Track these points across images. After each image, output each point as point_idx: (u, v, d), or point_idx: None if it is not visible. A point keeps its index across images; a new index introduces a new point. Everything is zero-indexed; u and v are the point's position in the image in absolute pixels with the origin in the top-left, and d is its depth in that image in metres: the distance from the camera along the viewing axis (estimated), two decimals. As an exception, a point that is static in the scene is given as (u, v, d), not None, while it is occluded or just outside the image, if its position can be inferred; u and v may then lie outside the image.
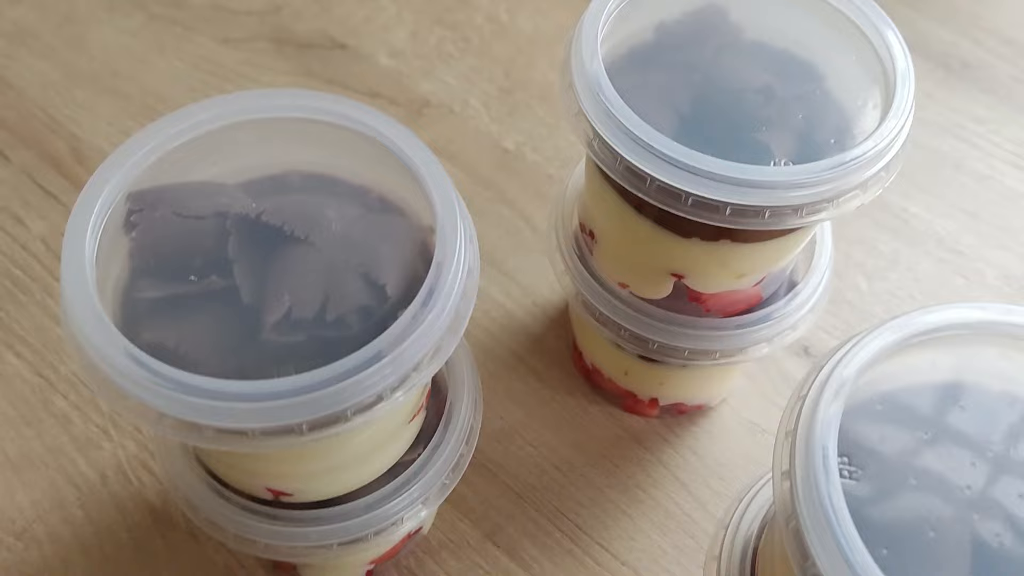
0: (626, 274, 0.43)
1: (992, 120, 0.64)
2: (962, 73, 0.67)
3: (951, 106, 0.65)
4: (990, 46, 0.68)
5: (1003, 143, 0.63)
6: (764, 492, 0.39)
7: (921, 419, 0.30)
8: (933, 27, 0.69)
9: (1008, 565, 0.28)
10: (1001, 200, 0.61)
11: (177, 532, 0.47)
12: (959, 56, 0.67)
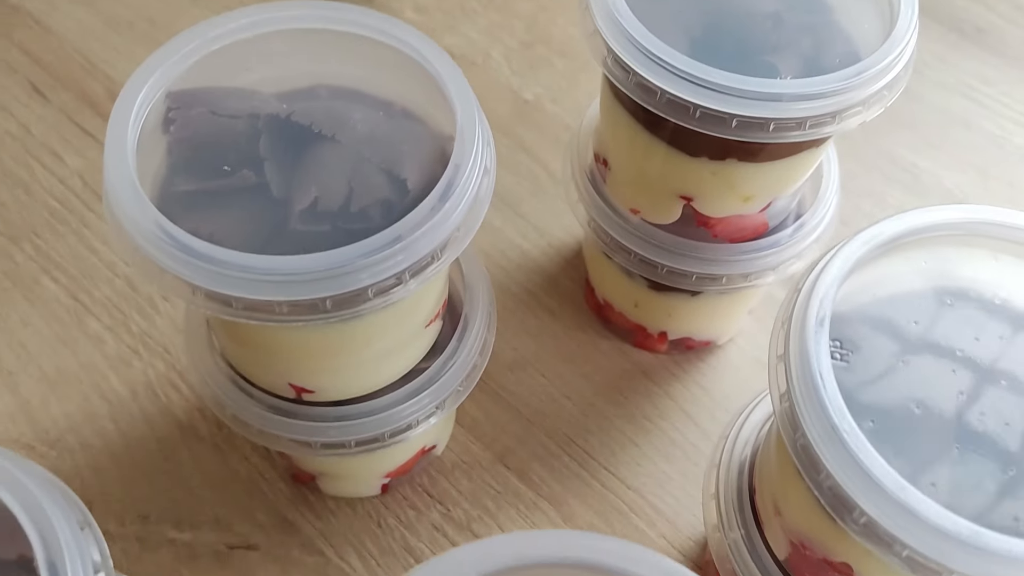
0: (637, 199, 0.44)
1: (1002, 82, 0.65)
2: (975, 37, 0.68)
3: (963, 68, 0.66)
4: (1002, 11, 0.69)
5: (1012, 104, 0.64)
6: (762, 406, 0.41)
7: (910, 313, 0.32)
8: (948, -7, 0.70)
9: (989, 441, 0.29)
10: (1009, 158, 0.62)
11: (203, 444, 0.50)
12: (972, 21, 0.69)
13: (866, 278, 0.32)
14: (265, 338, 0.36)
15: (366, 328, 0.35)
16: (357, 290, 0.31)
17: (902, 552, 0.28)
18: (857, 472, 0.28)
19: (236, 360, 0.40)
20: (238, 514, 0.48)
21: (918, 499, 0.27)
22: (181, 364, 0.52)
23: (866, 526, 0.28)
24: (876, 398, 0.30)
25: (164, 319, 0.54)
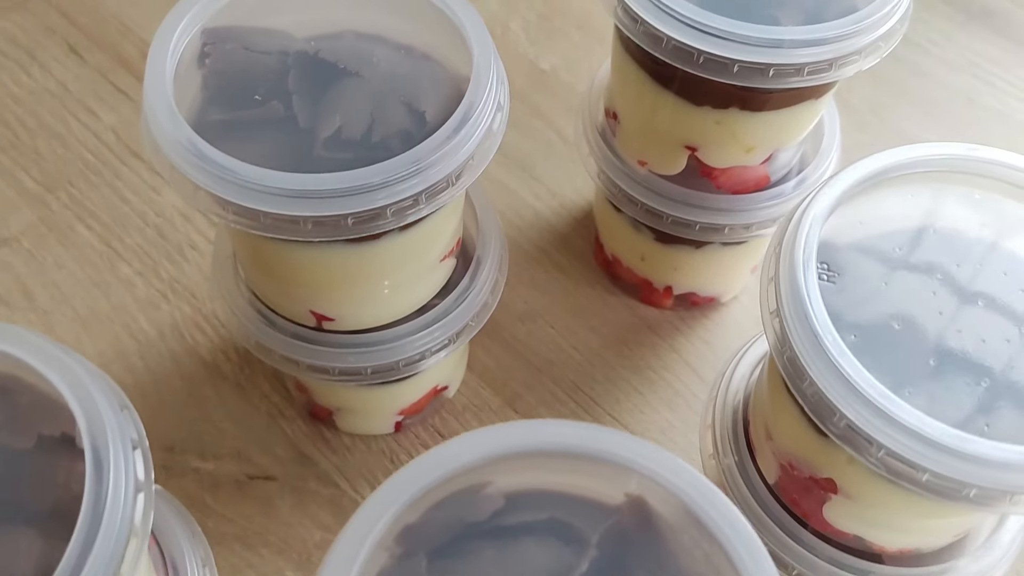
0: (645, 150, 0.46)
1: (1007, 61, 0.67)
2: (983, 19, 0.69)
3: (969, 47, 0.68)
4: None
5: (1015, 82, 0.66)
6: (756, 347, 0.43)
7: (895, 241, 0.34)
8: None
9: (965, 356, 0.31)
10: (1011, 134, 0.64)
11: (226, 383, 0.52)
12: (980, 2, 0.70)
13: (854, 213, 0.34)
14: (290, 264, 0.38)
15: (385, 255, 0.38)
16: (376, 209, 0.33)
17: (878, 453, 0.30)
18: (838, 378, 0.30)
19: (261, 290, 0.42)
20: (258, 447, 0.50)
21: (894, 403, 0.29)
22: (207, 308, 0.55)
23: (846, 429, 0.30)
24: (859, 315, 0.32)
25: (192, 266, 0.56)
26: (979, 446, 0.28)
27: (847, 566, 0.37)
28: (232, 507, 0.48)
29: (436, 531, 0.28)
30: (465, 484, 0.29)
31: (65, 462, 0.29)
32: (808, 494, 0.37)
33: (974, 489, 0.29)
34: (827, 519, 0.37)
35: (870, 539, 0.37)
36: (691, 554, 0.28)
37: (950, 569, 0.37)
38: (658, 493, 0.28)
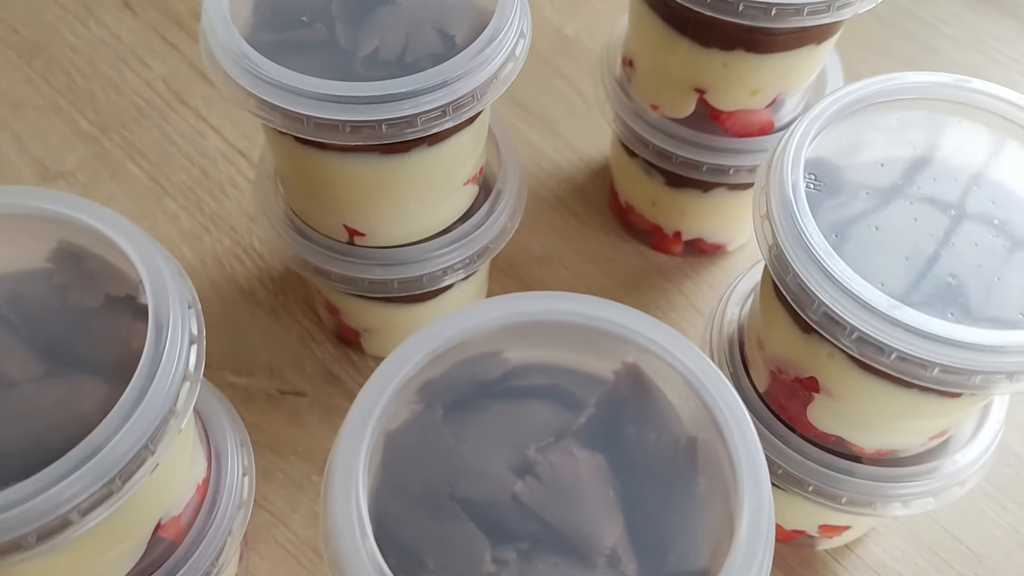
0: (658, 94, 0.50)
1: (1012, 39, 0.70)
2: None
3: (976, 25, 0.71)
4: (1018, -25, 0.74)
5: (1020, 58, 0.69)
6: (751, 274, 0.46)
7: (879, 158, 0.37)
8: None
9: (935, 256, 0.34)
10: (1014, 106, 0.66)
11: (261, 308, 0.56)
12: (989, -16, 0.73)
13: (845, 134, 0.37)
14: (328, 175, 0.42)
15: (413, 169, 0.41)
16: (407, 116, 0.37)
17: (851, 336, 0.33)
18: (817, 269, 0.33)
19: (299, 206, 0.46)
20: (289, 366, 0.54)
21: (866, 289, 0.32)
22: (245, 241, 0.59)
23: (823, 316, 0.33)
24: (841, 219, 0.35)
25: (232, 203, 0.60)
26: (942, 327, 0.32)
27: (830, 465, 0.40)
28: (264, 418, 0.52)
29: (452, 388, 0.32)
30: (478, 351, 0.32)
31: (128, 320, 0.33)
32: (794, 397, 0.40)
33: (936, 368, 0.32)
34: (811, 421, 0.40)
35: (850, 440, 0.40)
36: (677, 414, 0.31)
37: (927, 470, 0.40)
38: (652, 362, 0.32)
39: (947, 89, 0.38)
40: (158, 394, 0.30)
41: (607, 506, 0.30)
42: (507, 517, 0.29)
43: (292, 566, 0.48)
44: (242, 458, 0.40)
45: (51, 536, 0.28)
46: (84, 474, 0.28)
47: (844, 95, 0.37)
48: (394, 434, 0.31)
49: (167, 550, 0.37)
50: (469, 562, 0.28)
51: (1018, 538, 0.50)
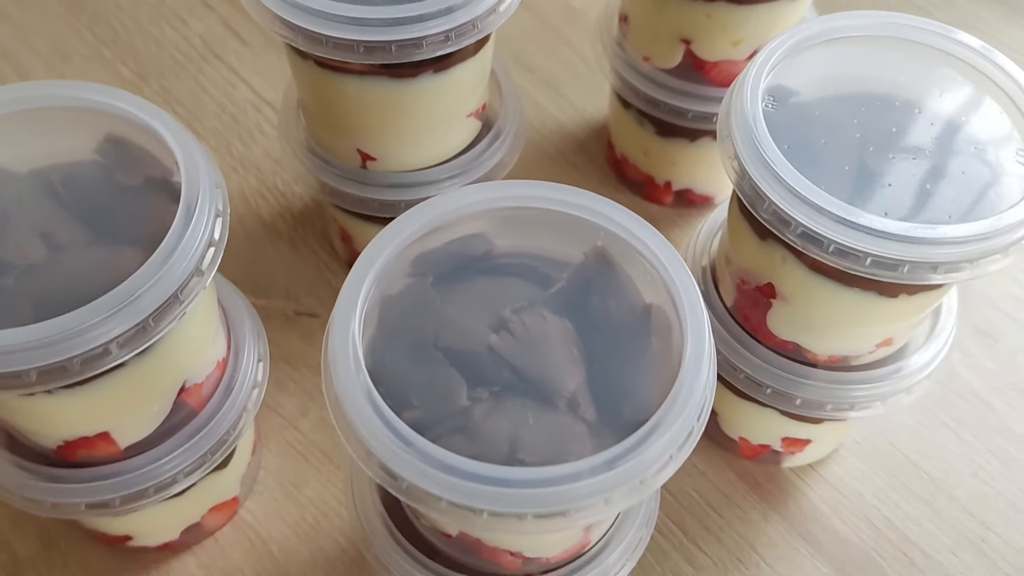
0: (649, 46, 0.54)
1: (995, 22, 0.74)
2: (979, -14, 0.77)
3: (963, 9, 0.75)
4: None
5: (1003, 39, 0.73)
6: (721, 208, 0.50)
7: (830, 86, 0.42)
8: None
9: (875, 166, 0.39)
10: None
11: (281, 239, 0.61)
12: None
13: (801, 68, 0.42)
14: (343, 98, 0.47)
15: (421, 94, 0.46)
16: (415, 39, 0.42)
17: (797, 231, 0.37)
18: (768, 173, 0.37)
19: (318, 133, 0.51)
20: (305, 290, 0.59)
21: (808, 188, 0.37)
22: (269, 181, 0.64)
23: (772, 214, 0.38)
24: (793, 134, 0.39)
25: (259, 147, 0.65)
26: (874, 221, 0.36)
27: (786, 370, 0.45)
28: (280, 335, 0.57)
29: (442, 261, 0.36)
30: (467, 231, 0.37)
31: (164, 199, 0.38)
32: (756, 306, 0.44)
33: (869, 258, 0.36)
34: (771, 329, 0.44)
35: (806, 346, 0.44)
36: (636, 287, 0.36)
37: (876, 377, 0.44)
38: (618, 244, 0.36)
39: (900, 28, 0.42)
40: (187, 253, 0.35)
41: (570, 360, 0.34)
42: (483, 364, 0.34)
43: (300, 463, 0.53)
44: (258, 346, 0.45)
45: (93, 363, 0.33)
46: (123, 312, 0.33)
47: (805, 29, 0.41)
48: (389, 299, 0.36)
49: (188, 416, 0.42)
50: (448, 399, 0.33)
51: (973, 467, 0.54)
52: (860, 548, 0.51)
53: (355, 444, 0.32)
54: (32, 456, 0.41)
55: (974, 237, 0.36)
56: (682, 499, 0.52)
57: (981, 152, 0.40)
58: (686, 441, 0.32)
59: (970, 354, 0.58)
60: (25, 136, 0.38)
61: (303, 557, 0.50)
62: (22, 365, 0.32)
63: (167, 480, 0.41)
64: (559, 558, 0.39)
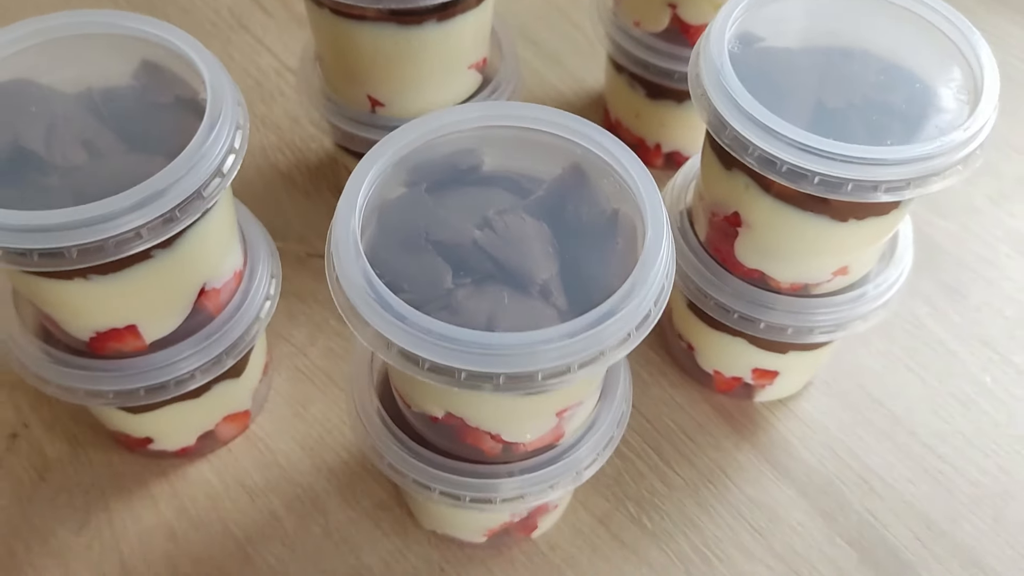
0: (639, 11, 0.59)
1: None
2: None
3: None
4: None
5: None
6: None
7: (794, 29, 0.46)
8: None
9: (832, 98, 0.43)
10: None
11: (297, 190, 0.66)
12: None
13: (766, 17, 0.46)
14: (355, 46, 0.51)
15: (425, 41, 0.51)
16: (420, -13, 0.47)
17: (754, 153, 0.41)
18: (729, 102, 0.42)
19: (332, 80, 0.56)
20: (317, 235, 0.64)
21: (764, 114, 0.41)
22: (287, 138, 0.69)
23: (733, 139, 0.42)
24: (756, 72, 0.44)
25: (279, 108, 0.70)
26: (821, 142, 0.40)
27: (752, 297, 0.49)
28: (292, 274, 0.62)
29: (435, 172, 0.41)
30: (459, 147, 0.41)
31: (192, 115, 0.42)
32: (725, 237, 0.48)
33: (817, 177, 0.40)
34: (738, 258, 0.49)
35: (769, 273, 0.48)
36: (607, 196, 0.40)
37: (834, 303, 0.48)
38: (593, 159, 0.40)
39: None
40: (210, 156, 0.40)
41: (545, 256, 0.38)
42: (467, 256, 0.38)
43: (308, 386, 0.57)
44: (271, 264, 0.50)
45: (125, 245, 0.38)
46: (153, 203, 0.38)
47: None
48: (387, 203, 0.40)
49: (206, 319, 0.46)
50: (435, 284, 0.37)
51: (934, 406, 0.58)
52: (823, 474, 0.55)
53: (353, 319, 0.36)
54: (66, 349, 0.45)
55: (912, 159, 0.40)
56: (660, 427, 0.56)
57: (926, 91, 0.44)
58: (643, 322, 0.36)
59: (938, 308, 0.62)
60: (72, 60, 0.43)
61: (307, 467, 0.54)
62: (64, 243, 0.37)
63: (185, 376, 0.46)
64: (535, 445, 0.43)
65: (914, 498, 0.54)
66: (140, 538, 0.52)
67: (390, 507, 0.53)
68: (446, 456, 0.43)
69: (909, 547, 0.52)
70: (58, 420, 0.56)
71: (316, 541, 0.52)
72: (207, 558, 0.51)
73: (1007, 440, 0.56)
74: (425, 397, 0.41)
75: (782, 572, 0.52)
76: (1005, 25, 0.78)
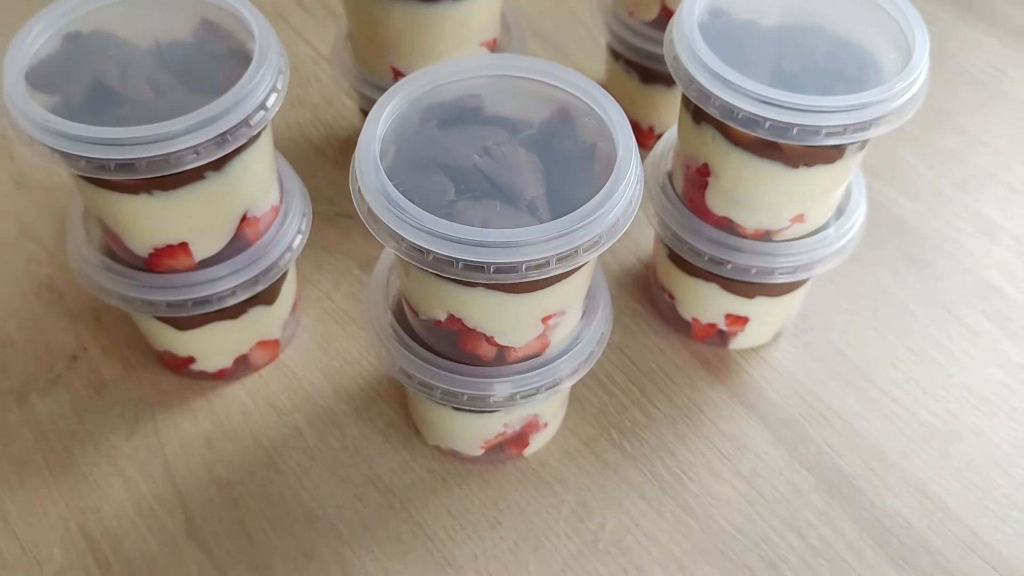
0: (631, 1, 0.67)
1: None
2: None
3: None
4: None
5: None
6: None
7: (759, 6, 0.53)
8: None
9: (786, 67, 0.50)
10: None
11: (327, 161, 0.74)
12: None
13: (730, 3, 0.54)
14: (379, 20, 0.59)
15: (443, 17, 0.59)
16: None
17: (716, 103, 0.49)
18: (696, 60, 0.49)
19: (360, 55, 0.64)
20: (343, 198, 0.71)
21: (724, 70, 0.48)
22: (319, 117, 0.77)
23: (698, 92, 0.49)
24: (722, 39, 0.51)
25: (314, 91, 0.79)
26: (771, 92, 0.47)
27: (721, 241, 0.56)
28: (321, 230, 0.69)
29: (444, 112, 0.48)
30: (465, 93, 0.49)
31: (241, 64, 0.50)
32: (697, 187, 0.55)
33: (768, 122, 0.47)
34: (709, 207, 0.56)
35: (736, 220, 0.55)
36: (589, 133, 0.47)
37: (793, 248, 0.55)
38: (578, 103, 0.48)
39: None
40: (256, 92, 0.47)
41: (534, 180, 0.46)
42: (468, 176, 0.45)
43: (331, 325, 0.65)
44: (303, 205, 0.58)
45: (183, 159, 0.46)
46: (208, 126, 0.46)
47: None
48: (404, 136, 0.48)
49: (245, 244, 0.54)
50: (439, 197, 0.45)
51: (892, 359, 0.64)
52: (788, 412, 0.61)
53: (372, 221, 0.44)
54: (127, 265, 0.53)
55: (849, 107, 0.47)
56: (643, 368, 0.63)
57: (870, 62, 0.51)
58: (612, 228, 0.43)
59: (901, 276, 0.69)
60: (143, 17, 0.51)
61: (328, 391, 0.62)
62: (135, 155, 0.45)
63: (226, 292, 0.53)
64: (524, 352, 0.50)
65: (869, 434, 0.60)
66: (181, 445, 0.59)
67: (399, 426, 0.60)
68: (448, 360, 0.50)
69: (862, 475, 0.59)
70: (113, 346, 0.63)
71: (334, 452, 0.59)
72: (239, 464, 0.58)
73: (956, 388, 0.62)
74: (431, 301, 0.48)
75: (746, 492, 0.58)
76: (977, 36, 0.85)
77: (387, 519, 0.56)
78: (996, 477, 0.59)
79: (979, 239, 0.71)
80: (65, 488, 0.57)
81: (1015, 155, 0.76)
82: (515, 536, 0.56)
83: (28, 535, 0.55)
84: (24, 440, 0.59)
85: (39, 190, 0.72)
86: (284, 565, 0.54)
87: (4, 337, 0.63)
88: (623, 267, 0.69)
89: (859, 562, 0.55)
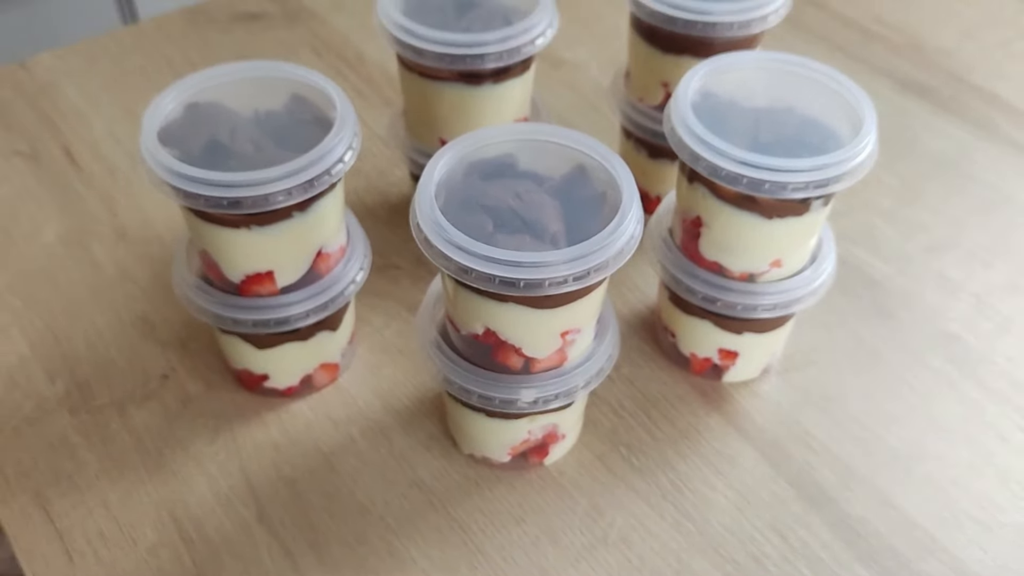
0: (641, 90, 0.79)
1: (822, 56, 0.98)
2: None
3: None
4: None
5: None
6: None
7: (742, 90, 0.66)
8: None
9: (762, 137, 0.62)
10: (918, 152, 0.94)
11: (380, 223, 0.86)
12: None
13: (721, 81, 0.66)
14: (431, 100, 0.72)
15: (483, 98, 0.72)
16: (481, 54, 0.68)
17: (703, 164, 0.60)
18: (688, 130, 0.61)
19: (412, 129, 0.77)
20: (393, 253, 0.83)
21: (711, 138, 0.60)
22: (373, 184, 0.89)
23: (689, 155, 0.61)
24: (710, 114, 0.63)
25: (368, 164, 0.92)
26: (747, 155, 0.59)
27: (712, 282, 0.67)
28: (373, 278, 0.80)
29: (484, 167, 0.61)
30: (502, 152, 0.61)
31: (324, 130, 0.63)
32: (691, 237, 0.67)
33: (745, 179, 0.59)
34: (702, 253, 0.67)
35: (724, 264, 0.66)
36: (600, 183, 0.59)
37: (772, 290, 0.66)
38: (591, 162, 0.60)
39: (781, 62, 0.66)
40: (336, 150, 0.60)
41: (555, 218, 0.57)
42: (504, 215, 0.57)
43: (382, 356, 0.76)
44: (365, 247, 0.69)
45: (276, 199, 0.58)
46: (296, 174, 0.58)
47: (722, 59, 0.66)
48: (452, 186, 0.60)
49: (317, 276, 0.66)
50: (480, 230, 0.56)
51: (864, 393, 0.74)
52: (773, 435, 0.71)
53: (427, 247, 0.55)
54: (221, 290, 0.65)
55: (811, 168, 0.59)
56: (649, 396, 0.74)
57: (831, 135, 0.63)
58: (618, 255, 0.54)
59: (873, 326, 0.79)
60: (247, 93, 0.65)
61: (379, 408, 0.72)
62: (241, 194, 0.57)
63: (301, 314, 0.65)
64: (546, 364, 0.61)
65: (842, 454, 0.70)
66: (254, 449, 0.70)
67: (439, 438, 0.70)
68: (483, 370, 0.61)
69: (836, 488, 0.68)
70: (197, 368, 0.75)
71: (383, 458, 0.69)
72: (302, 465, 0.69)
73: (920, 418, 0.72)
74: (471, 317, 0.59)
75: (736, 500, 0.67)
76: (943, 125, 0.97)
77: (428, 514, 0.66)
78: (953, 493, 0.68)
79: (942, 296, 0.81)
80: (157, 483, 0.68)
81: (974, 224, 0.87)
82: (536, 531, 0.66)
83: (126, 519, 0.65)
84: (124, 444, 0.70)
85: (137, 242, 0.84)
86: (340, 548, 0.64)
87: (107, 359, 0.75)
88: (633, 312, 0.80)
89: (832, 560, 0.64)
